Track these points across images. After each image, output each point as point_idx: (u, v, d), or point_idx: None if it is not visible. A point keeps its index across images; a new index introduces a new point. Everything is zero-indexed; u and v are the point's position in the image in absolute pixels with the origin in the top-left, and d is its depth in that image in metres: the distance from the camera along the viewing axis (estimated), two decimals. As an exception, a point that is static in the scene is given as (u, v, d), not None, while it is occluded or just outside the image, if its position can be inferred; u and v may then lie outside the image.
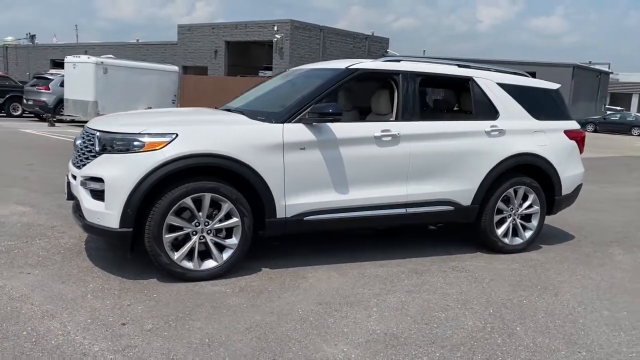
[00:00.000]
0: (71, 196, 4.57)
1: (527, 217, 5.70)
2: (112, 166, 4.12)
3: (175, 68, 19.99)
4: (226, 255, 4.39)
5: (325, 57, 37.74)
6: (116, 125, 4.41)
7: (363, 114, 5.71)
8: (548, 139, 5.66)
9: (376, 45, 43.33)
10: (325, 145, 4.63)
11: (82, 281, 4.18)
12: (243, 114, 4.83)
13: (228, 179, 4.33)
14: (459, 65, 5.52)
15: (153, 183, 4.06)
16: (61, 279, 4.20)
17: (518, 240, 5.64)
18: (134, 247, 4.26)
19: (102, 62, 17.54)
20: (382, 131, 4.84)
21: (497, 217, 5.49)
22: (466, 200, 5.27)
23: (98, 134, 4.29)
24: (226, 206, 4.31)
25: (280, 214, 4.52)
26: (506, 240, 5.56)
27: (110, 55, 20.27)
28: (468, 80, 5.40)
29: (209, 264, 4.35)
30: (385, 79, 5.19)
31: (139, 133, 4.17)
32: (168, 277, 4.28)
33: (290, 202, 4.54)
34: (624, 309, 4.23)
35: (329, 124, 4.66)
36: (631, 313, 4.17)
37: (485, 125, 5.33)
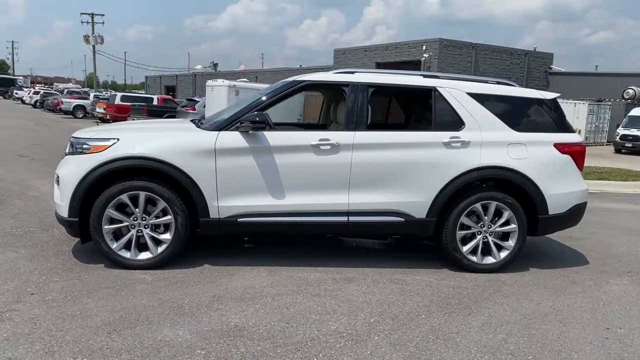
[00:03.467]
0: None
1: (505, 236, 5.33)
2: (67, 165, 4.90)
3: (301, 90, 21.17)
4: (161, 248, 4.89)
5: (477, 74, 36.60)
6: (83, 132, 5.19)
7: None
8: (529, 152, 5.25)
9: (537, 62, 40.84)
10: (259, 152, 4.92)
11: (46, 260, 4.99)
12: (200, 123, 5.34)
13: (165, 179, 4.85)
14: (425, 76, 5.40)
15: (94, 179, 4.73)
16: (34, 258, 5.05)
17: (490, 260, 5.30)
18: (89, 236, 4.93)
19: (234, 85, 19.30)
20: (320, 140, 4.98)
21: (462, 233, 5.23)
22: (419, 212, 5.12)
23: (71, 139, 5.11)
24: (160, 204, 4.83)
25: (213, 214, 4.91)
26: (473, 259, 5.26)
27: (244, 79, 22.19)
28: (430, 90, 5.26)
29: (145, 255, 4.89)
30: (338, 91, 5.32)
31: (89, 138, 4.91)
32: (114, 265, 4.89)
33: (223, 204, 4.90)
34: (526, 336, 3.86)
35: (265, 133, 4.95)
36: (530, 340, 3.80)
37: (443, 136, 5.15)
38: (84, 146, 4.86)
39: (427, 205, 5.12)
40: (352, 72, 5.30)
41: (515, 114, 5.41)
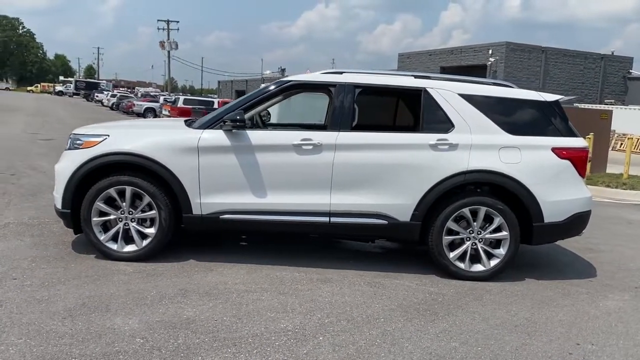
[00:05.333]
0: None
1: (496, 243, 5.12)
2: (63, 160, 5.18)
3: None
4: (145, 242, 5.06)
5: (546, 79, 35.41)
6: (80, 129, 5.45)
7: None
8: (523, 157, 5.02)
9: (615, 66, 38.73)
10: (241, 151, 4.99)
11: (44, 249, 5.26)
12: (192, 122, 5.48)
13: (150, 175, 5.01)
14: (416, 77, 5.28)
15: (84, 173, 4.97)
16: (34, 246, 5.35)
17: (478, 267, 5.10)
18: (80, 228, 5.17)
19: (284, 89, 19.64)
20: (302, 140, 4.99)
21: (449, 238, 5.07)
22: (403, 215, 5.02)
23: (70, 135, 5.39)
24: (146, 199, 5.00)
25: (196, 210, 5.02)
26: (461, 265, 5.08)
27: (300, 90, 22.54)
28: (420, 91, 5.14)
29: (131, 247, 5.07)
30: (325, 91, 5.31)
31: (82, 134, 5.16)
32: (103, 256, 5.10)
33: (206, 201, 5.00)
34: (482, 346, 3.72)
35: (248, 131, 5.03)
36: (484, 350, 3.65)
37: (430, 138, 5.01)
38: (78, 142, 5.12)
39: (411, 208, 5.01)
40: (340, 73, 5.28)
41: (511, 117, 5.20)
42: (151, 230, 5.05)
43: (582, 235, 5.48)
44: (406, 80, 5.27)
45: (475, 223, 5.05)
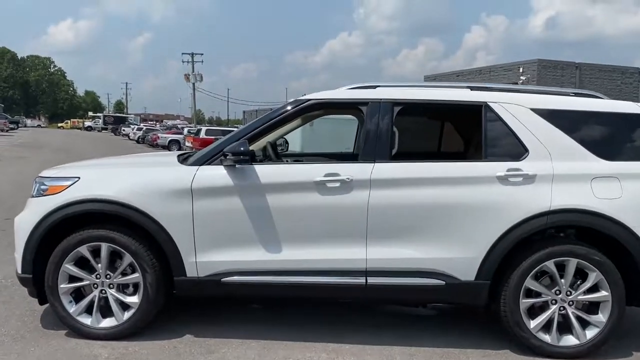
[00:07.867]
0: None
1: (592, 307, 3.81)
2: (24, 210, 4.07)
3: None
4: (127, 314, 3.89)
5: (583, 97, 33.67)
6: (48, 171, 4.34)
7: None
8: (625, 190, 3.73)
9: (653, 79, 36.77)
10: (248, 192, 3.82)
11: (3, 322, 4.15)
12: (187, 157, 4.34)
13: (131, 227, 3.87)
14: (472, 88, 4.06)
15: (48, 227, 3.84)
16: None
17: (571, 341, 3.79)
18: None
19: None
20: (326, 175, 3.79)
21: (528, 302, 3.78)
22: (465, 273, 3.75)
23: (36, 178, 4.30)
24: (127, 259, 3.85)
25: (190, 272, 3.84)
26: (546, 338, 3.77)
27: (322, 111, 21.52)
28: (480, 107, 3.90)
29: (109, 322, 3.91)
30: (354, 112, 4.13)
31: (47, 177, 4.06)
32: (75, 333, 3.94)
33: (202, 259, 3.82)
34: None
35: (255, 166, 3.86)
36: None
37: (498, 168, 3.76)
38: (42, 187, 4.02)
39: (476, 263, 3.74)
40: (374, 87, 4.08)
41: (604, 137, 3.93)
42: (134, 299, 3.88)
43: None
44: (460, 94, 4.05)
45: (563, 280, 3.75)
